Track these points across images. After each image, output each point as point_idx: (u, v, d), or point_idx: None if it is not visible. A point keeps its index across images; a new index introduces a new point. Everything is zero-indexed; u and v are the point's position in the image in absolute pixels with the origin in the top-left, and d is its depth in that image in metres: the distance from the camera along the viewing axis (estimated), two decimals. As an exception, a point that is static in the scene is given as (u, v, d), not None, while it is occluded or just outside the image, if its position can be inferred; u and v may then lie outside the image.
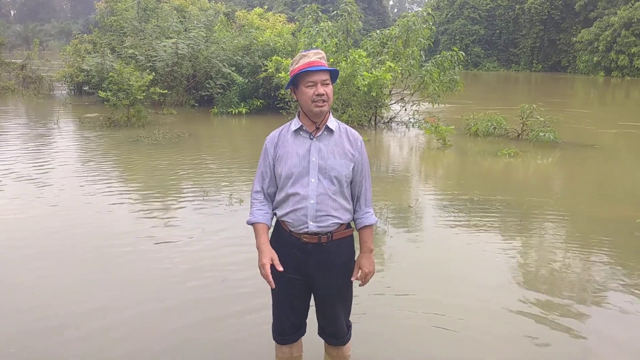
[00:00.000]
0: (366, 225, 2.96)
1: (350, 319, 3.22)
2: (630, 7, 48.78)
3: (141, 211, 6.87)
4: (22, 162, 9.48)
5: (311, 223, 2.80)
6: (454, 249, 5.85)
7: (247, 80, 17.25)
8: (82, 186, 7.90)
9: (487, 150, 11.66)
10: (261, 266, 2.83)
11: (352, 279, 2.99)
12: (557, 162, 11.06)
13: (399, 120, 15.70)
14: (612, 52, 50.01)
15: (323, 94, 2.73)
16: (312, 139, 2.82)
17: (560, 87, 38.92)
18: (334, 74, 2.81)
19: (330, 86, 2.77)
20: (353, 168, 2.86)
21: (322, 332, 3.22)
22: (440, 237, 6.20)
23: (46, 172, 8.74)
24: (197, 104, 17.97)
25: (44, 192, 7.57)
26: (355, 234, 3.01)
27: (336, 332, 3.16)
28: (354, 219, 2.98)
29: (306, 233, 2.82)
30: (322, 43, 12.32)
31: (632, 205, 7.79)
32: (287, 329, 3.12)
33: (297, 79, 2.78)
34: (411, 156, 11.73)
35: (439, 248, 5.89)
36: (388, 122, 15.55)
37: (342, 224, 2.88)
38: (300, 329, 3.17)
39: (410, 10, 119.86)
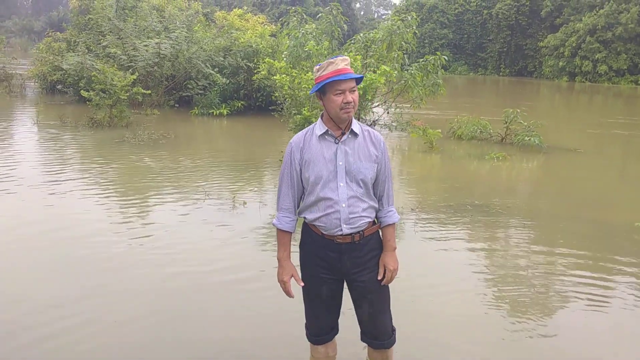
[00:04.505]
0: (389, 224, 3.03)
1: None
2: (595, 14, 50.10)
3: (143, 212, 6.78)
4: (2, 162, 9.22)
5: (344, 226, 2.86)
6: (457, 251, 5.95)
7: (228, 81, 17.12)
8: (77, 188, 7.74)
9: (473, 154, 11.83)
10: (281, 282, 2.99)
11: (379, 278, 3.00)
12: (545, 166, 11.29)
13: (382, 123, 15.79)
14: (577, 58, 51.28)
15: (351, 102, 2.77)
16: (337, 143, 2.86)
17: (527, 90, 39.71)
18: (359, 80, 2.83)
19: (357, 92, 2.82)
20: (377, 169, 2.92)
21: (364, 336, 3.16)
22: (447, 239, 6.29)
23: (39, 173, 8.52)
24: (177, 105, 17.75)
25: (35, 193, 7.40)
26: None
27: (377, 333, 3.10)
28: (376, 217, 3.04)
29: (340, 235, 2.88)
30: (313, 46, 12.29)
31: (627, 210, 8.03)
32: (322, 329, 3.15)
33: (325, 86, 2.80)
34: (399, 159, 11.83)
35: (445, 250, 5.98)
36: (371, 124, 15.61)
37: (370, 221, 2.96)
38: (335, 328, 3.21)
39: (376, 13, 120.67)
